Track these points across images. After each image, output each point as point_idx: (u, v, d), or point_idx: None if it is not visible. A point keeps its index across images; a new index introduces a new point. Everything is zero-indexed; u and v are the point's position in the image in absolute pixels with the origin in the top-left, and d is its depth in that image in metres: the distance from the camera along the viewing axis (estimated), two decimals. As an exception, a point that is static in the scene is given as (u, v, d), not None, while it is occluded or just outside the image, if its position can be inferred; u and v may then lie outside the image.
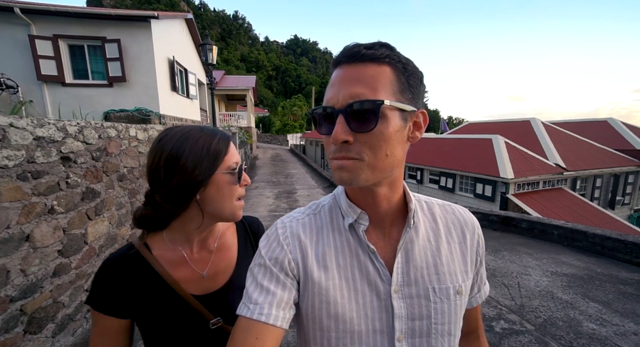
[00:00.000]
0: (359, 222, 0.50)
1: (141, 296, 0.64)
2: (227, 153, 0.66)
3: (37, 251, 1.88)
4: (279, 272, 0.49)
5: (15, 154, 1.73)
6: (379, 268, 0.49)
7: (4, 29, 6.62)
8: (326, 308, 0.47)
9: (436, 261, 0.50)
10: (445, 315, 0.48)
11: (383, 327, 0.47)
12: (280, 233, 0.53)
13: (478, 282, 0.57)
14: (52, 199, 2.00)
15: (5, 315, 1.65)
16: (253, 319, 0.45)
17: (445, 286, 0.49)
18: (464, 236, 0.54)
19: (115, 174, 2.74)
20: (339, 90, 0.43)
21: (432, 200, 0.58)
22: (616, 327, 2.29)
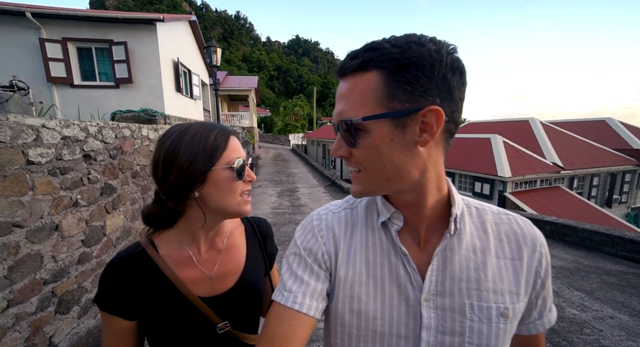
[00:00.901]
0: (392, 221, 0.49)
1: (146, 296, 0.62)
2: (226, 148, 0.63)
3: (65, 239, 2.08)
4: (313, 263, 0.49)
5: (46, 152, 1.93)
6: (411, 272, 0.46)
7: (15, 33, 6.85)
8: (349, 303, 0.47)
9: (479, 275, 0.45)
10: (484, 337, 0.43)
11: (409, 335, 0.45)
12: (315, 225, 0.53)
13: (539, 307, 0.49)
14: (77, 193, 2.20)
15: (40, 295, 1.85)
16: (287, 306, 0.46)
17: (487, 304, 0.44)
18: (519, 252, 0.47)
19: (129, 171, 2.94)
20: (337, 106, 0.44)
21: (486, 206, 0.52)
22: (595, 312, 2.46)
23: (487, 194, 8.31)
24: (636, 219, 10.14)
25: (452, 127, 0.43)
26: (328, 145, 19.70)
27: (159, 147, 0.61)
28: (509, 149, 8.70)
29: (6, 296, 1.63)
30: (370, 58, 0.40)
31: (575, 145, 9.80)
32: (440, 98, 0.39)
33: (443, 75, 0.39)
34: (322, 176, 11.16)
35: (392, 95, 0.39)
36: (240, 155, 0.64)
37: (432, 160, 0.43)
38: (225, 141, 0.63)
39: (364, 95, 0.40)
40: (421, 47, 0.38)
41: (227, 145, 0.63)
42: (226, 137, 0.63)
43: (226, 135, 0.64)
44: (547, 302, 0.50)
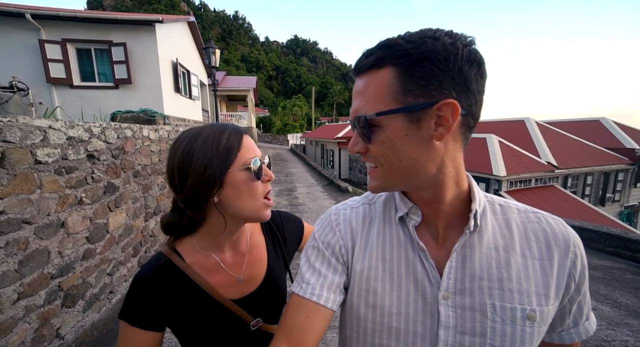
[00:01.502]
0: (410, 216, 0.48)
1: (178, 305, 0.62)
2: (240, 148, 0.60)
3: (70, 236, 2.16)
4: (331, 256, 0.50)
5: (53, 152, 2.01)
6: (429, 269, 0.45)
7: (15, 34, 6.90)
8: (365, 297, 0.47)
9: (502, 274, 0.43)
10: (507, 340, 0.41)
11: (426, 333, 0.44)
12: (333, 219, 0.54)
13: (573, 313, 0.46)
14: (81, 192, 2.29)
15: (48, 289, 1.94)
16: (305, 297, 0.47)
17: (511, 305, 0.42)
18: (549, 252, 0.44)
19: (131, 170, 3.03)
20: (354, 103, 0.45)
21: (512, 204, 0.51)
22: (580, 305, 2.57)
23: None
24: (629, 217, 10.30)
25: (471, 121, 0.42)
26: (326, 145, 19.80)
27: (172, 155, 0.59)
28: (504, 149, 8.83)
29: (17, 288, 1.72)
30: (385, 55, 0.40)
31: (569, 144, 9.95)
32: (456, 91, 0.39)
33: (459, 68, 0.38)
34: (320, 176, 11.25)
35: (407, 90, 0.39)
36: (256, 154, 0.62)
37: (450, 155, 0.43)
38: (239, 141, 0.60)
39: (378, 92, 0.41)
40: (436, 41, 0.38)
41: (240, 145, 0.60)
42: (239, 136, 0.61)
43: (239, 135, 0.61)
44: (584, 309, 0.47)
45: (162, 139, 3.75)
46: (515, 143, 9.65)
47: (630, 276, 3.08)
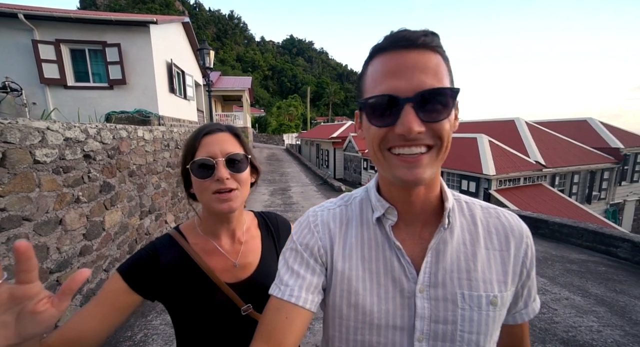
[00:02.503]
0: (386, 216, 0.50)
1: (175, 280, 0.66)
2: (199, 147, 0.66)
3: (68, 233, 2.25)
4: (309, 258, 0.51)
5: (51, 152, 2.10)
6: (405, 265, 0.48)
7: (8, 34, 6.90)
8: (347, 297, 0.48)
9: (469, 266, 0.47)
10: (474, 324, 0.46)
11: (404, 325, 0.47)
12: (311, 221, 0.54)
13: (524, 297, 0.52)
14: (78, 190, 2.38)
15: (46, 283, 2.03)
16: (284, 299, 0.47)
17: (477, 293, 0.46)
18: (507, 244, 0.49)
19: (126, 170, 3.11)
20: (403, 79, 0.40)
21: (475, 201, 0.55)
22: (553, 295, 2.73)
23: (473, 191, 8.64)
24: (614, 215, 10.61)
25: None
26: (321, 145, 19.92)
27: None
28: (494, 148, 9.04)
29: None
30: (438, 43, 0.42)
31: (557, 144, 10.22)
32: None
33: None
34: (314, 175, 11.38)
35: (452, 81, 0.42)
36: (211, 153, 0.66)
37: None
38: (198, 140, 0.67)
39: (443, 73, 0.41)
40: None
41: (199, 144, 0.67)
42: (200, 135, 0.67)
43: (201, 134, 0.68)
44: (532, 292, 0.52)
45: (157, 140, 3.84)
46: (505, 143, 9.88)
47: (603, 269, 3.26)
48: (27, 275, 0.37)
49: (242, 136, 0.74)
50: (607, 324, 2.26)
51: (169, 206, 4.21)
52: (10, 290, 0.37)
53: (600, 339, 2.10)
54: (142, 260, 0.66)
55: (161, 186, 3.95)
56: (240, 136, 0.73)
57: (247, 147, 0.74)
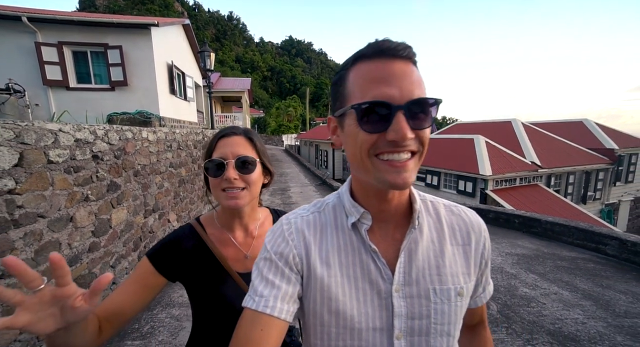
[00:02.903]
0: (361, 221, 0.51)
1: (194, 264, 0.74)
2: (215, 148, 0.75)
3: (78, 230, 2.36)
4: (284, 267, 0.50)
5: (63, 153, 2.21)
6: (381, 267, 0.49)
7: (11, 37, 6.99)
8: (327, 304, 0.49)
9: (439, 262, 0.50)
10: (445, 316, 0.49)
11: (383, 325, 0.48)
12: (285, 229, 0.54)
13: (483, 283, 0.58)
14: (87, 189, 2.48)
15: (58, 277, 2.13)
16: (258, 311, 0.46)
17: (447, 287, 0.49)
18: (469, 239, 0.53)
19: (131, 170, 3.22)
20: (395, 87, 0.41)
21: (439, 200, 0.58)
22: (543, 290, 2.85)
23: (470, 191, 8.77)
24: (609, 215, 10.77)
25: None
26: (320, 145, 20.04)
27: None
28: (490, 149, 9.18)
29: (33, 275, 1.91)
30: (414, 54, 0.44)
31: (553, 145, 10.37)
32: None
33: None
34: (313, 176, 11.49)
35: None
36: (223, 155, 0.73)
37: None
38: (215, 142, 0.76)
39: (422, 83, 0.44)
40: None
41: (215, 145, 0.75)
42: (217, 138, 0.77)
43: (218, 136, 0.77)
44: (488, 278, 0.58)
45: (160, 141, 3.95)
46: (502, 143, 10.02)
47: (592, 265, 3.38)
48: (63, 279, 0.44)
49: (256, 140, 0.79)
50: (592, 317, 2.37)
51: (172, 205, 4.31)
52: (52, 291, 0.44)
53: (584, 330, 2.21)
54: (166, 246, 0.75)
55: (164, 186, 4.05)
56: (253, 140, 0.78)
57: (261, 150, 0.79)
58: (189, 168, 5.01)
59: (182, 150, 4.74)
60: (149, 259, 0.73)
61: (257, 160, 0.75)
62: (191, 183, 5.15)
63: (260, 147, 0.79)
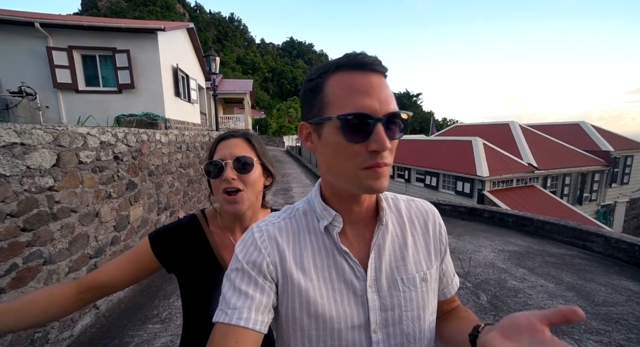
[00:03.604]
0: (333, 224, 0.52)
1: (190, 256, 0.74)
2: (215, 151, 0.76)
3: (102, 224, 2.58)
4: (257, 276, 0.49)
5: (90, 154, 2.44)
6: (354, 267, 0.51)
7: (24, 42, 7.24)
8: (307, 308, 0.49)
9: (403, 253, 0.53)
10: (414, 302, 0.51)
11: (361, 322, 0.49)
12: (257, 237, 0.53)
13: (448, 272, 0.61)
14: (110, 187, 2.71)
15: (87, 266, 2.36)
16: (232, 324, 0.45)
17: (412, 275, 0.52)
18: (426, 227, 0.57)
19: (146, 170, 3.44)
20: (375, 99, 0.43)
21: (398, 196, 0.61)
22: (530, 283, 3.06)
23: (467, 192, 8.97)
24: (605, 216, 10.96)
25: None
26: (321, 147, 20.18)
27: None
28: (488, 151, 9.39)
29: (68, 263, 2.14)
30: (386, 69, 0.46)
31: (550, 146, 10.58)
32: None
33: None
34: (314, 176, 11.71)
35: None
36: (222, 156, 0.74)
37: None
38: (215, 145, 0.76)
39: (393, 96, 0.46)
40: None
41: (216, 148, 0.76)
42: (217, 141, 0.77)
43: (218, 139, 0.77)
44: (450, 269, 0.62)
45: (171, 143, 4.17)
46: (500, 145, 10.24)
47: (578, 261, 3.58)
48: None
49: (255, 142, 0.80)
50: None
51: (181, 204, 4.54)
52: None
53: (565, 317, 2.42)
54: (168, 232, 0.77)
55: (175, 185, 4.28)
56: (252, 142, 0.79)
57: (260, 152, 0.80)
58: (196, 168, 5.23)
59: (190, 151, 4.96)
60: (149, 240, 0.75)
61: (254, 161, 0.76)
62: (198, 183, 5.37)
63: (259, 148, 0.80)
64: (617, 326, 2.28)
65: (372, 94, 0.43)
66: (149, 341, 2.20)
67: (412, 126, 67.92)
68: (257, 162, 0.77)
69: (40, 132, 1.94)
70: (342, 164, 0.46)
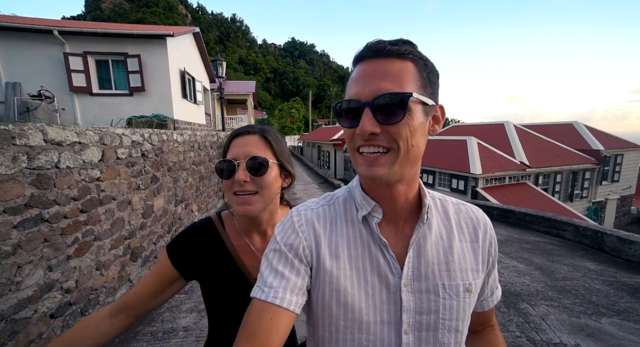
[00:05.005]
0: (372, 215, 0.51)
1: (208, 260, 0.72)
2: (229, 148, 0.71)
3: (134, 211, 3.03)
4: (294, 258, 0.50)
5: (125, 151, 2.89)
6: (390, 261, 0.50)
7: (44, 48, 7.73)
8: (336, 296, 0.49)
9: (447, 257, 0.51)
10: (454, 311, 0.49)
11: (391, 319, 0.49)
12: (295, 221, 0.54)
13: (490, 284, 0.58)
14: (139, 180, 3.16)
15: (123, 246, 2.81)
16: (268, 301, 0.47)
17: (455, 282, 0.50)
18: (476, 235, 0.54)
19: (165, 166, 3.89)
20: (364, 85, 0.44)
21: (447, 198, 0.59)
22: (505, 264, 3.48)
23: (462, 189, 9.37)
24: (596, 212, 11.34)
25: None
26: (323, 146, 20.70)
27: None
28: (482, 150, 9.79)
29: (110, 242, 2.59)
30: (410, 51, 0.45)
31: (542, 146, 10.96)
32: (438, 100, 0.49)
33: (439, 84, 0.49)
34: (315, 175, 12.15)
35: (424, 86, 0.46)
36: (235, 155, 0.69)
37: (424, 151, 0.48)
38: (229, 141, 0.72)
39: (407, 78, 0.44)
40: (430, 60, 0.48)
41: (230, 145, 0.72)
42: (231, 137, 0.72)
43: (232, 135, 0.73)
44: (496, 281, 0.59)
45: (186, 142, 4.63)
46: (494, 145, 10.63)
47: (550, 247, 4.00)
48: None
49: (272, 139, 0.73)
50: (536, 281, 3.00)
51: (194, 197, 4.99)
52: None
53: (527, 289, 2.84)
54: (183, 238, 0.74)
55: (189, 180, 4.73)
56: (269, 139, 0.73)
57: (278, 150, 0.74)
58: (206, 166, 5.69)
59: (201, 150, 5.42)
60: (166, 249, 0.73)
61: (270, 161, 0.71)
62: (208, 179, 5.83)
63: (277, 147, 0.74)
64: (568, 294, 2.70)
65: (365, 80, 0.45)
66: (176, 306, 2.65)
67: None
68: (274, 163, 0.72)
69: (91, 132, 2.38)
70: (348, 149, 0.49)
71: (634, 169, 12.06)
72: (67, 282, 2.08)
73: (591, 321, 2.29)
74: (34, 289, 1.80)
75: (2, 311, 1.58)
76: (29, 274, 1.77)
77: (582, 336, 2.11)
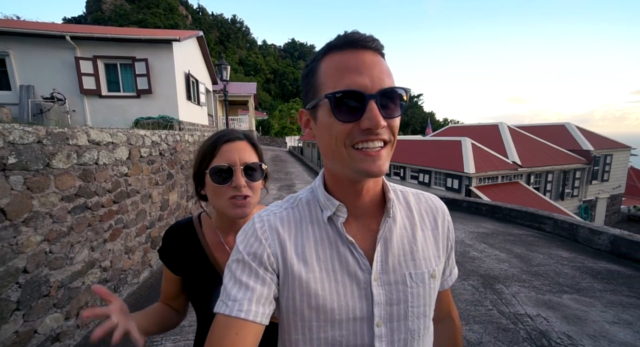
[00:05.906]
0: (337, 214, 0.51)
1: (187, 257, 0.78)
2: (215, 154, 0.72)
3: (153, 204, 3.39)
4: (258, 267, 0.49)
5: (147, 150, 3.24)
6: (359, 258, 0.50)
7: (56, 53, 8.09)
8: (307, 300, 0.49)
9: (412, 247, 0.52)
10: (421, 298, 0.51)
11: (363, 315, 0.49)
12: (258, 227, 0.52)
13: (449, 266, 0.61)
14: (157, 177, 3.51)
15: (145, 234, 3.16)
16: (232, 316, 0.45)
17: (421, 271, 0.51)
18: (435, 223, 0.57)
19: (179, 164, 4.25)
20: (366, 75, 0.42)
21: (407, 189, 0.60)
22: (487, 253, 3.84)
23: (456, 188, 9.73)
24: (586, 211, 11.70)
25: None
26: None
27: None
28: (475, 150, 10.15)
29: (135, 230, 2.94)
30: (382, 46, 0.45)
31: (535, 146, 11.33)
32: None
33: None
34: (316, 174, 12.52)
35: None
36: (230, 161, 0.71)
37: None
38: (215, 147, 0.73)
39: (391, 74, 0.45)
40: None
41: (216, 151, 0.72)
42: (218, 143, 0.73)
43: (219, 142, 0.73)
44: (453, 261, 0.63)
45: (196, 142, 4.99)
46: (488, 145, 11.00)
47: (531, 238, 4.35)
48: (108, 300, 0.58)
49: (258, 145, 0.79)
50: (514, 267, 3.36)
51: (202, 194, 5.36)
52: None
53: (504, 273, 3.20)
54: (168, 233, 0.82)
55: (198, 178, 5.10)
56: (256, 145, 0.78)
57: (261, 154, 0.79)
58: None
59: (208, 150, 5.79)
60: (160, 258, 0.81)
61: (260, 166, 0.76)
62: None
63: (260, 151, 0.80)
64: (540, 277, 3.06)
65: (363, 71, 0.42)
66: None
67: (413, 127, 68.42)
68: (262, 167, 0.77)
69: (121, 134, 2.74)
70: (337, 146, 0.45)
71: (623, 169, 12.46)
72: (104, 262, 2.44)
73: (554, 297, 2.65)
74: (82, 265, 2.16)
75: (62, 279, 1.94)
76: (79, 251, 2.12)
77: (543, 308, 2.47)
